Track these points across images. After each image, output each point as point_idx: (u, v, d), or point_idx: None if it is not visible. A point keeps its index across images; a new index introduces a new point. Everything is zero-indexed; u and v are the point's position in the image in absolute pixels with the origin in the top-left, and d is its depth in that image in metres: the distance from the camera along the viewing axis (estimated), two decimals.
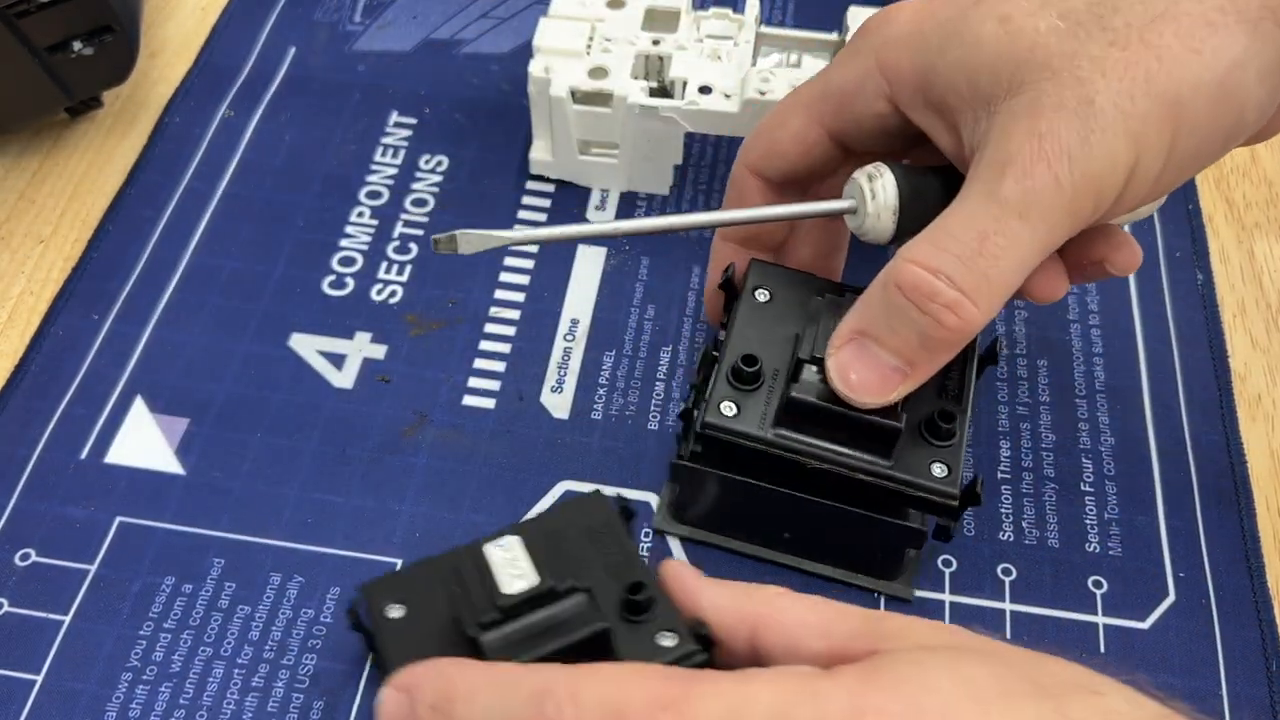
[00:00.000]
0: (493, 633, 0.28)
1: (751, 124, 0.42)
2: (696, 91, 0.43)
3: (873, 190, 0.32)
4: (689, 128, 0.43)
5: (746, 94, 0.42)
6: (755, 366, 0.33)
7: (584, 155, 0.46)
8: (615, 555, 0.31)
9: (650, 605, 0.30)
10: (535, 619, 0.29)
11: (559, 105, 0.43)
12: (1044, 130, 0.29)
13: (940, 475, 0.32)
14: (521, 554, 0.30)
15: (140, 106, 0.49)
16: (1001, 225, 0.29)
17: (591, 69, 0.44)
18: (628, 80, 0.43)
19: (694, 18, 0.46)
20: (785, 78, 0.42)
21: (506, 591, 0.28)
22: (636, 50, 0.44)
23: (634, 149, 0.45)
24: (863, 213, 0.32)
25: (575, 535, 0.32)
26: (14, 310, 0.43)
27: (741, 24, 0.46)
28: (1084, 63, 0.29)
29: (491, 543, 0.30)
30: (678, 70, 0.44)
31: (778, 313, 0.35)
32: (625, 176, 0.46)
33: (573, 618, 0.29)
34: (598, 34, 0.45)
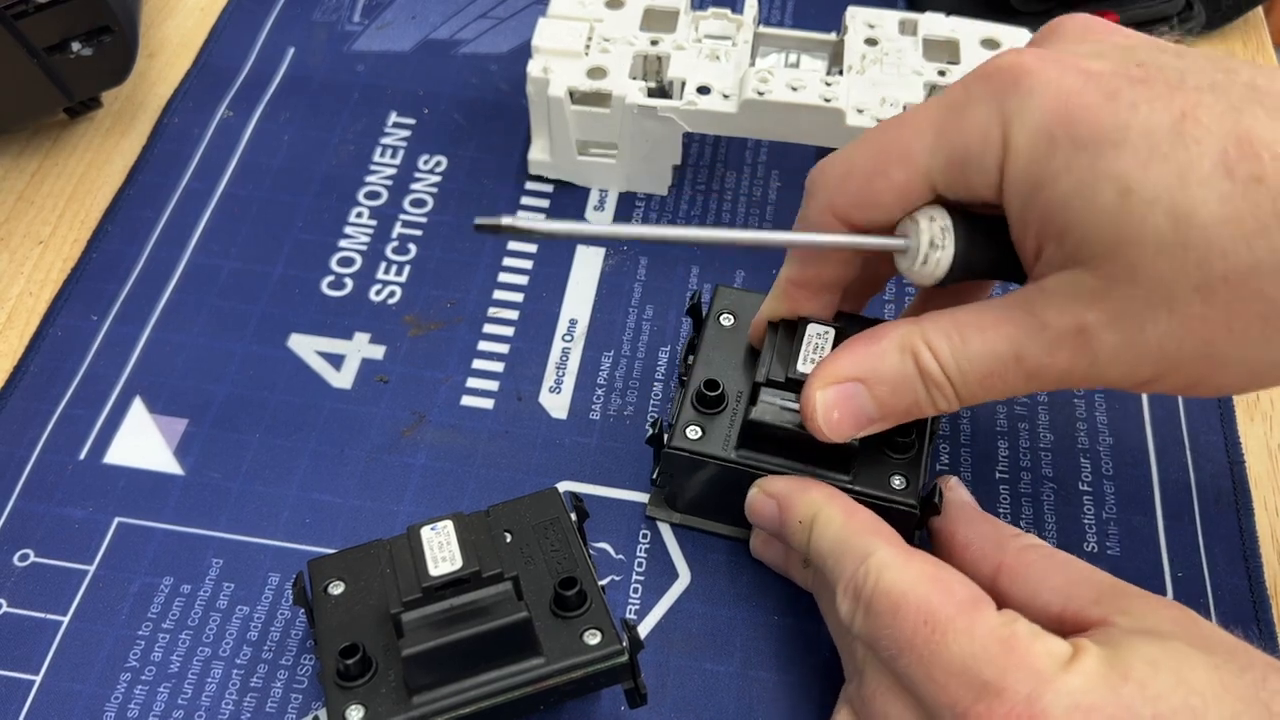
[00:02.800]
0: (413, 612, 0.29)
1: (752, 125, 0.42)
2: (695, 91, 0.43)
3: (933, 239, 0.30)
4: (687, 128, 0.43)
5: (745, 94, 0.42)
6: (717, 390, 0.35)
7: (582, 155, 0.45)
8: (559, 551, 0.32)
9: (581, 602, 0.31)
10: (457, 602, 0.30)
11: (557, 105, 0.43)
12: (1090, 323, 0.28)
13: (899, 487, 0.34)
14: (453, 538, 0.30)
15: (139, 107, 0.50)
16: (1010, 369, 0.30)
17: (590, 69, 0.44)
18: (626, 80, 0.43)
19: (693, 18, 0.46)
20: (784, 78, 0.42)
21: (431, 572, 0.29)
22: (635, 50, 0.44)
23: (632, 149, 0.45)
24: (916, 256, 0.31)
25: (524, 528, 0.33)
26: (13, 311, 0.43)
27: (740, 24, 0.45)
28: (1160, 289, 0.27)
29: (428, 525, 0.30)
30: (676, 70, 0.44)
31: (740, 336, 0.37)
32: (624, 177, 0.46)
33: (493, 605, 0.30)
34: (596, 34, 0.45)
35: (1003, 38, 0.45)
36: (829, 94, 0.42)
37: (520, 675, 0.30)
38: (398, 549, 0.30)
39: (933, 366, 0.30)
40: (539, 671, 0.30)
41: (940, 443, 0.39)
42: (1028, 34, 0.45)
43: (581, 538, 0.33)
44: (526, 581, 0.31)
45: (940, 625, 0.27)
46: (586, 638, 0.30)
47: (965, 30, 0.45)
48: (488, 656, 0.30)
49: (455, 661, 0.29)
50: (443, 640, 0.29)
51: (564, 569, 0.32)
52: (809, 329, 0.34)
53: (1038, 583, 0.30)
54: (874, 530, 0.31)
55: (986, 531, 0.33)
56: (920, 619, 0.28)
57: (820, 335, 0.34)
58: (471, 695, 0.30)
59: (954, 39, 0.45)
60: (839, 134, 0.42)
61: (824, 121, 0.42)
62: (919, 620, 0.28)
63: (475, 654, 0.29)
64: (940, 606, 0.28)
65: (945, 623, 0.27)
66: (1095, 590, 0.30)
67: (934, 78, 0.43)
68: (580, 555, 0.32)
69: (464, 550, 0.30)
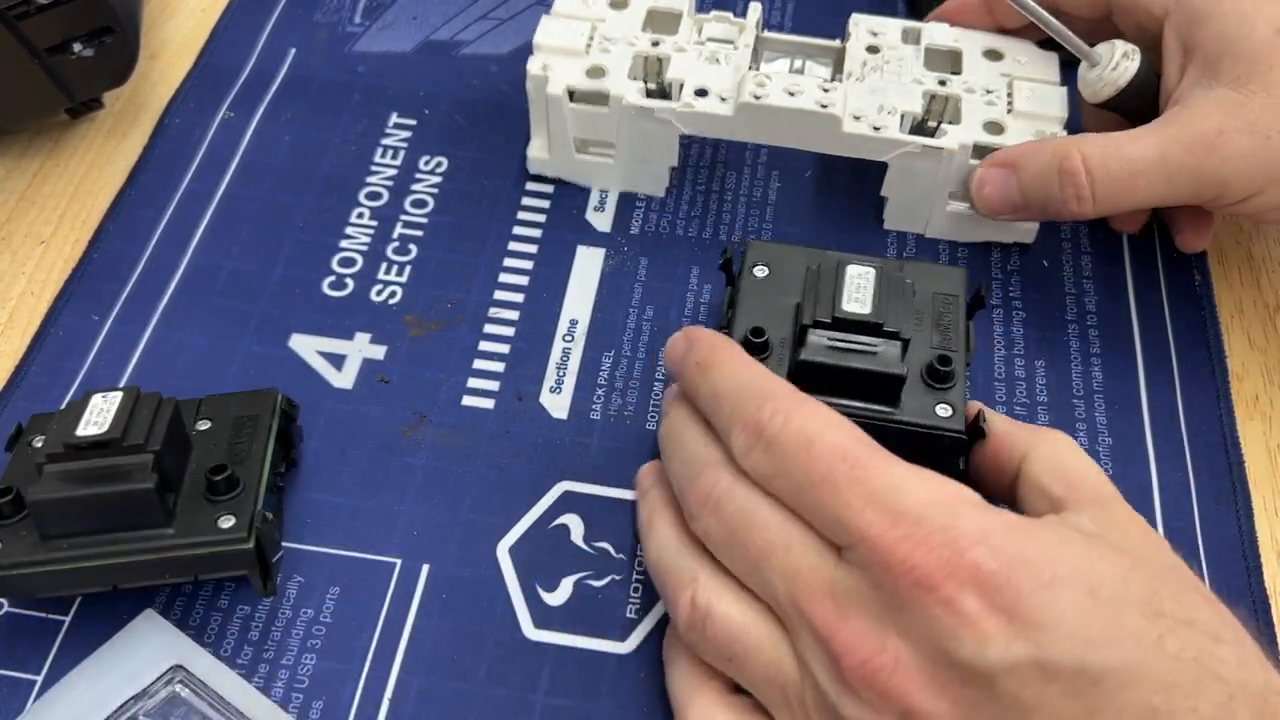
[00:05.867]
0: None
1: (748, 128, 0.42)
2: (692, 94, 0.43)
3: (1126, 52, 0.41)
4: (683, 129, 0.43)
5: (742, 97, 0.42)
6: (763, 337, 0.35)
7: (581, 154, 0.45)
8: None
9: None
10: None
11: (555, 103, 0.43)
12: (1229, 127, 0.37)
13: (945, 415, 0.35)
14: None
15: (140, 108, 0.50)
16: (1154, 168, 0.38)
17: (589, 68, 0.43)
18: (625, 80, 0.43)
19: (695, 20, 0.46)
20: (782, 82, 0.42)
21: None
22: (636, 51, 0.44)
23: (630, 149, 0.45)
24: (1109, 63, 0.41)
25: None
26: (14, 311, 0.43)
27: (743, 28, 0.45)
28: None
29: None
30: (675, 72, 0.44)
31: (777, 286, 0.38)
32: (621, 176, 0.46)
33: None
34: (598, 33, 0.45)
35: (1006, 49, 0.45)
36: (826, 99, 0.42)
37: (145, 543, 0.32)
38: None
39: (1077, 166, 0.38)
40: (163, 542, 0.32)
41: None
42: (1031, 46, 0.45)
43: (277, 438, 0.36)
44: (195, 463, 0.34)
45: (860, 462, 0.28)
46: (221, 521, 0.33)
47: (968, 41, 0.45)
48: (118, 519, 0.32)
49: (85, 517, 0.32)
50: (70, 494, 0.31)
51: (230, 459, 0.34)
52: (849, 270, 0.35)
53: (1055, 470, 0.31)
54: (773, 377, 0.31)
55: (1023, 426, 0.34)
56: (838, 456, 0.28)
57: (861, 275, 0.35)
58: (94, 552, 0.32)
59: (956, 49, 0.45)
60: (835, 140, 0.42)
61: (820, 127, 0.42)
62: (836, 457, 0.28)
63: (104, 514, 0.32)
64: (857, 448, 0.28)
65: (865, 460, 0.28)
66: (1095, 491, 0.30)
67: (934, 87, 0.43)
68: (258, 452, 0.35)
69: (116, 419, 0.32)
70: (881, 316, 0.34)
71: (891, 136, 0.42)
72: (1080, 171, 0.38)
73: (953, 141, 0.42)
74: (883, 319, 0.34)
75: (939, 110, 0.43)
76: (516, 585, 0.36)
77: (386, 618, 0.35)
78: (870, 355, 0.34)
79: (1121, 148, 0.38)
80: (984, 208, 0.41)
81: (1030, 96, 0.43)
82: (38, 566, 0.32)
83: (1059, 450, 0.32)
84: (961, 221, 0.44)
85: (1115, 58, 0.41)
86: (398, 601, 0.36)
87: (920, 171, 0.43)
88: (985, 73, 0.44)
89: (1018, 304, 0.44)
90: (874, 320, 0.34)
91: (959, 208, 0.44)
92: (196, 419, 0.36)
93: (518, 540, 0.37)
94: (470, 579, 0.36)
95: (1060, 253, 0.45)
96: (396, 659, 0.34)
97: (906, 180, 0.43)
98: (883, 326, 0.34)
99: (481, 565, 0.36)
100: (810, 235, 0.46)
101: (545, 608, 0.36)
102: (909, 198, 0.44)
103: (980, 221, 0.44)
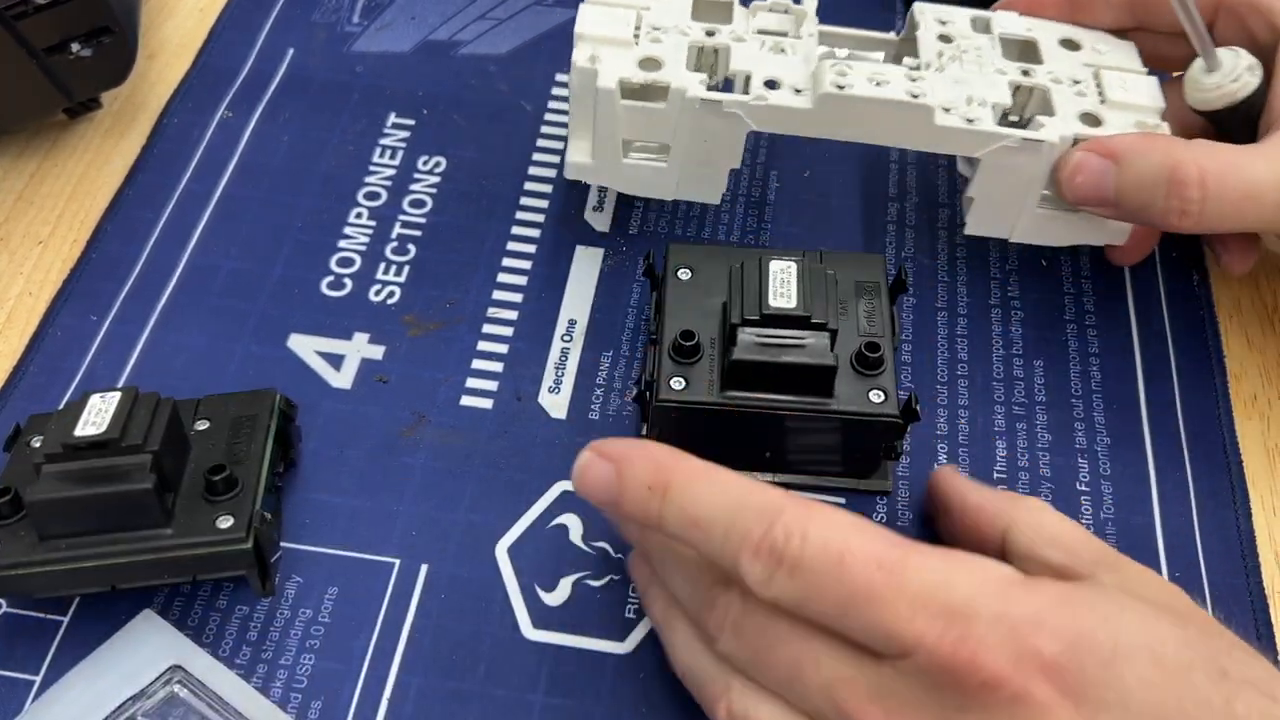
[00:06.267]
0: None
1: (828, 123, 0.39)
2: (762, 85, 0.39)
3: (1250, 65, 0.38)
4: (754, 126, 0.39)
5: (821, 88, 0.38)
6: (693, 340, 0.36)
7: (628, 158, 0.41)
8: (241, 443, 0.35)
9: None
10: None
11: (606, 99, 0.38)
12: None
13: (878, 401, 0.35)
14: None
15: (139, 108, 0.50)
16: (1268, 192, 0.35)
17: (643, 59, 0.39)
18: (685, 72, 0.39)
19: (749, 10, 0.42)
20: (865, 71, 0.38)
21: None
22: (690, 41, 0.40)
23: (687, 151, 0.40)
24: (1231, 72, 0.38)
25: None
26: (13, 311, 0.43)
27: (803, 16, 0.42)
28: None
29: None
30: (739, 63, 0.40)
31: (702, 287, 0.38)
32: (674, 182, 0.41)
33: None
34: (645, 22, 0.41)
35: (1083, 39, 0.42)
36: (916, 89, 0.38)
37: (143, 543, 0.32)
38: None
39: (1192, 177, 0.35)
40: (162, 542, 0.32)
41: (938, 443, 0.39)
42: (1107, 36, 0.43)
43: (275, 438, 0.36)
44: (194, 463, 0.34)
45: (894, 565, 0.26)
46: (219, 521, 0.33)
47: (1042, 30, 0.43)
48: (116, 519, 0.32)
49: (83, 517, 0.32)
50: (69, 494, 0.31)
51: (229, 460, 0.34)
52: (772, 265, 0.36)
53: (1047, 538, 0.31)
54: (756, 485, 0.29)
55: (996, 494, 0.33)
56: (873, 565, 0.26)
57: (784, 270, 0.36)
58: (92, 552, 0.32)
59: (1031, 39, 0.42)
60: (925, 134, 0.39)
61: (910, 120, 0.38)
62: (871, 567, 0.26)
63: (102, 514, 0.32)
64: (885, 549, 0.27)
65: (900, 563, 0.26)
66: (1097, 552, 0.30)
67: (1018, 78, 0.41)
68: (256, 452, 0.35)
69: (114, 419, 0.32)
70: (808, 309, 0.35)
71: (988, 129, 0.38)
72: (1194, 184, 0.35)
73: (1052, 133, 0.38)
74: (809, 311, 0.35)
75: (1023, 102, 0.41)
76: (515, 585, 0.36)
77: (385, 618, 0.35)
78: (800, 348, 0.35)
79: (1241, 166, 0.35)
80: (1071, 194, 0.38)
81: (1122, 86, 0.40)
82: (36, 567, 0.32)
83: (1042, 518, 0.31)
84: (1053, 223, 0.41)
85: (1239, 69, 0.38)
86: (396, 601, 0.35)
87: (1015, 168, 0.39)
88: (1067, 62, 0.41)
89: (1016, 304, 0.44)
90: (801, 314, 0.35)
91: (1049, 209, 0.41)
92: (195, 419, 0.36)
93: (516, 540, 0.37)
94: (469, 579, 0.36)
95: (1059, 252, 0.45)
96: (395, 659, 0.34)
97: (998, 178, 0.39)
98: (810, 319, 0.35)
99: (480, 565, 0.36)
100: (810, 235, 0.46)
101: (544, 608, 0.36)
102: (998, 198, 0.40)
103: (1071, 223, 0.41)
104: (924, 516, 0.38)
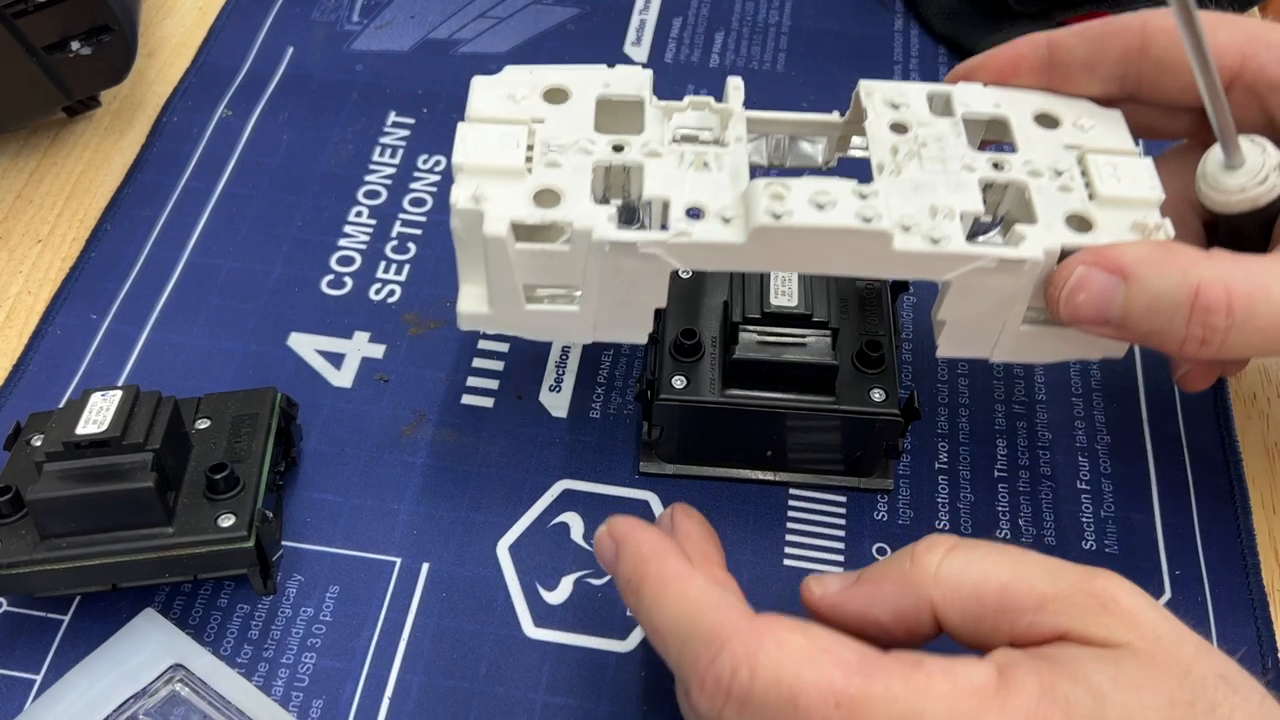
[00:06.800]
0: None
1: (765, 258, 0.31)
2: (683, 215, 0.31)
3: (1266, 175, 0.32)
4: (677, 265, 0.31)
5: (755, 219, 0.30)
6: (694, 339, 0.36)
7: (534, 304, 0.33)
8: (243, 442, 0.35)
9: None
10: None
11: (497, 247, 0.31)
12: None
13: (879, 399, 0.35)
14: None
15: (138, 106, 0.50)
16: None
17: (537, 192, 0.32)
18: (589, 206, 0.31)
19: (662, 110, 0.35)
20: (803, 191, 0.31)
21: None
22: (594, 160, 0.33)
23: (601, 294, 0.33)
24: (1242, 181, 0.32)
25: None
26: (12, 310, 0.43)
27: (728, 115, 0.34)
28: None
29: (100, 391, 0.34)
30: (654, 187, 0.32)
31: (703, 285, 0.38)
32: (590, 326, 0.34)
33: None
34: (538, 140, 0.33)
35: (1061, 111, 0.35)
36: (867, 210, 0.30)
37: (144, 542, 0.32)
38: (69, 404, 0.34)
39: (1220, 303, 0.29)
40: (163, 541, 0.32)
41: (939, 441, 0.40)
42: (1088, 104, 0.36)
43: (276, 437, 0.36)
44: (195, 461, 0.34)
45: (852, 701, 0.24)
46: (220, 520, 0.33)
47: (1013, 105, 0.35)
48: (117, 518, 0.32)
49: (84, 515, 0.32)
50: (70, 493, 0.31)
51: (230, 458, 0.34)
52: None
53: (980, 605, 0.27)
54: (716, 602, 0.26)
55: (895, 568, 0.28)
56: (830, 702, 0.24)
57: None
58: (93, 550, 0.32)
59: (1001, 117, 0.35)
60: (883, 262, 0.31)
61: (864, 248, 0.31)
62: (829, 705, 0.24)
63: (104, 512, 0.32)
64: (843, 681, 0.24)
65: (859, 697, 0.24)
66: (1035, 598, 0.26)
67: (989, 173, 0.33)
68: (257, 451, 0.35)
69: (116, 417, 0.32)
70: (809, 308, 0.35)
71: (957, 250, 0.31)
72: (1221, 311, 0.29)
73: (1035, 248, 0.31)
74: (810, 310, 0.35)
75: (997, 200, 0.34)
76: (516, 584, 0.36)
77: (386, 616, 0.35)
78: (801, 347, 0.35)
79: (1271, 289, 0.29)
80: (1068, 314, 0.31)
81: (1114, 175, 0.33)
82: (37, 565, 0.32)
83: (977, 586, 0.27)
84: (1039, 340, 0.34)
85: (1266, 169, 0.32)
86: (397, 600, 0.35)
87: (991, 288, 0.32)
88: (1046, 146, 0.34)
89: None
90: (802, 312, 0.35)
91: (1035, 325, 0.33)
92: (196, 418, 0.36)
93: (518, 539, 0.37)
94: (470, 578, 0.36)
95: None
96: (397, 658, 0.34)
97: (973, 299, 0.32)
98: (811, 318, 0.35)
99: (481, 564, 0.36)
100: None
101: (545, 606, 0.36)
102: (974, 319, 0.33)
103: (1061, 339, 0.34)
104: (924, 517, 0.38)
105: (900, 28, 0.53)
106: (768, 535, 0.37)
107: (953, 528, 0.37)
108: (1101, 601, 0.26)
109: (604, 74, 0.35)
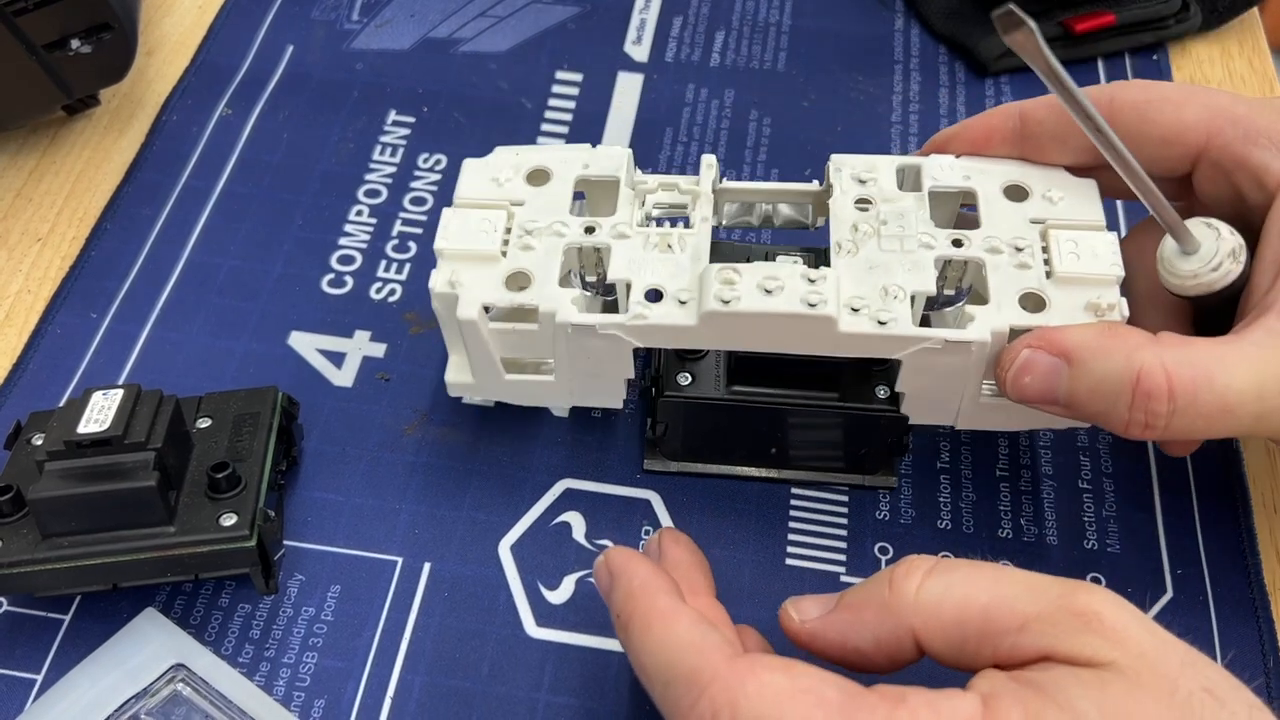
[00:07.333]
0: (56, 463, 0.32)
1: (717, 338, 0.33)
2: (643, 298, 0.33)
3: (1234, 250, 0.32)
4: (637, 344, 0.34)
5: (706, 303, 0.32)
6: None
7: (514, 374, 0.36)
8: (243, 441, 0.35)
9: (232, 486, 0.34)
10: (97, 461, 0.32)
11: (470, 327, 0.34)
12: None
13: (883, 397, 0.36)
14: (115, 404, 0.33)
15: (138, 104, 0.49)
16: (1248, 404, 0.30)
17: (509, 275, 0.34)
18: (555, 290, 0.34)
19: (637, 191, 0.37)
20: (754, 276, 0.32)
21: (78, 429, 0.33)
22: (567, 242, 0.35)
23: (572, 368, 0.35)
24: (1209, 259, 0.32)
25: (224, 417, 0.36)
26: (11, 308, 0.43)
27: (696, 195, 0.36)
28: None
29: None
30: (618, 269, 0.34)
31: None
32: (567, 394, 0.36)
33: (130, 469, 0.33)
34: (516, 223, 0.36)
35: (1032, 184, 0.35)
36: (813, 295, 0.32)
37: (146, 541, 0.32)
38: (70, 403, 0.33)
39: (1160, 389, 0.30)
40: (165, 540, 0.32)
41: (941, 441, 0.40)
42: (1061, 173, 0.36)
43: (278, 436, 0.36)
44: (196, 460, 0.34)
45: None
46: (222, 519, 0.33)
47: (983, 177, 0.36)
48: (119, 517, 0.32)
49: (86, 515, 0.32)
50: (71, 492, 0.31)
51: (231, 457, 0.34)
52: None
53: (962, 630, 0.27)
54: (699, 643, 0.26)
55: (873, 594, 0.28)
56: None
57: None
58: (95, 550, 0.32)
59: (970, 189, 0.36)
60: (830, 341, 0.33)
61: (810, 331, 0.33)
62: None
63: (105, 511, 0.32)
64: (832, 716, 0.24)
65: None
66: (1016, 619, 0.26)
67: (948, 250, 0.34)
68: (259, 450, 0.35)
69: (117, 416, 0.32)
70: None
71: (904, 332, 0.32)
72: (1162, 397, 0.30)
73: (982, 331, 0.32)
74: None
75: (957, 276, 0.35)
76: (518, 583, 0.36)
77: (388, 616, 0.35)
78: None
79: (1214, 376, 0.29)
80: (1015, 394, 0.32)
81: (1074, 252, 0.34)
82: (38, 565, 0.32)
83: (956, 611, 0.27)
84: (1000, 412, 0.35)
85: (1219, 255, 0.32)
86: (399, 600, 0.35)
87: (942, 366, 0.33)
88: (1010, 220, 0.35)
89: None
90: None
91: (994, 398, 0.35)
92: (197, 417, 0.36)
93: (519, 538, 0.37)
94: (472, 577, 0.36)
95: None
96: (398, 657, 0.34)
97: (925, 376, 0.34)
98: None
99: (483, 563, 0.36)
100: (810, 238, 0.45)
101: (547, 605, 0.35)
102: (931, 393, 0.35)
103: (1025, 412, 0.34)
104: (923, 517, 0.38)
105: (901, 27, 0.53)
106: (770, 534, 0.37)
107: (955, 527, 0.37)
108: (1085, 619, 0.25)
109: (585, 154, 0.37)
